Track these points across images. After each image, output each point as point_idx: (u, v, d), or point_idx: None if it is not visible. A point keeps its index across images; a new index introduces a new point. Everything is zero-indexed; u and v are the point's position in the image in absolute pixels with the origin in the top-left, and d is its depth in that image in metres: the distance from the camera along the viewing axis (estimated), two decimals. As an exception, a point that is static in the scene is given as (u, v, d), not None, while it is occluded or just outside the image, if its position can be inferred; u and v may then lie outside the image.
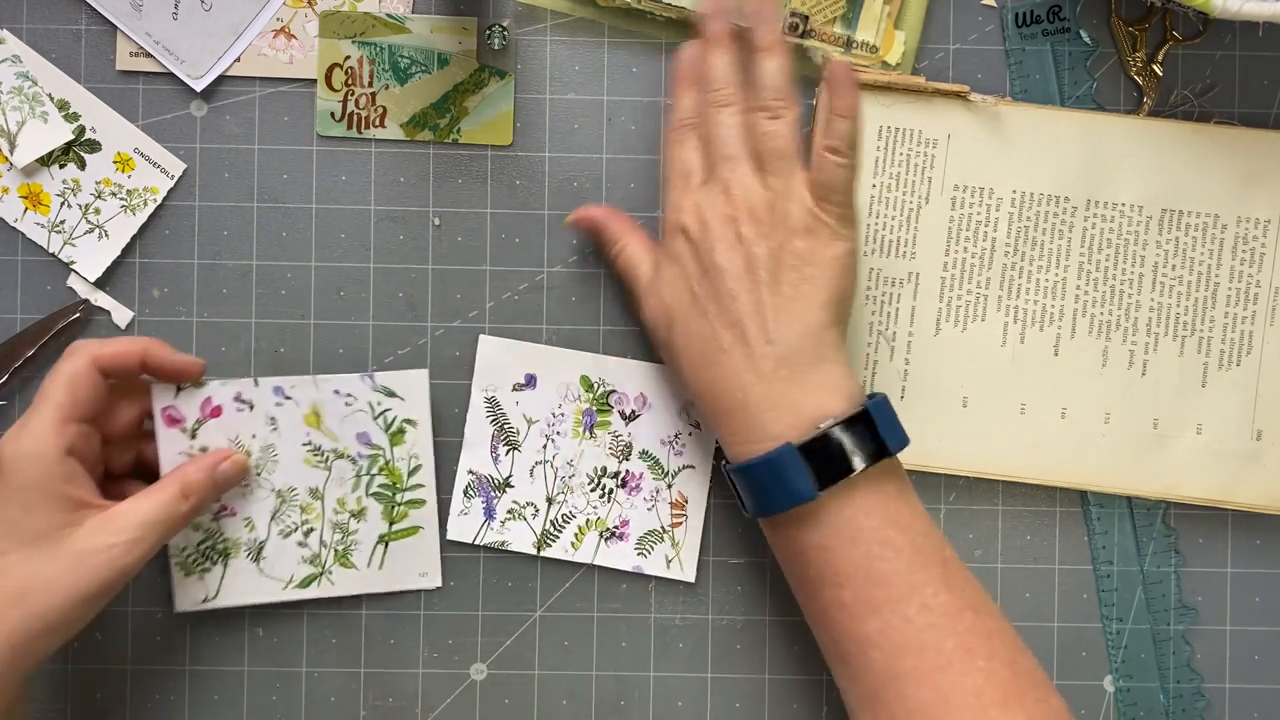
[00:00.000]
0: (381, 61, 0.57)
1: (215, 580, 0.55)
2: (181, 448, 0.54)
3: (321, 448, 0.55)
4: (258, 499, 0.55)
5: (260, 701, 0.57)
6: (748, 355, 0.50)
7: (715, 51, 0.53)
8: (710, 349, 0.50)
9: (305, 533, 0.55)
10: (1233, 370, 0.56)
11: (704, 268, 0.51)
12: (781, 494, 0.48)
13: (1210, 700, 0.58)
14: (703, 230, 0.51)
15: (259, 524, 0.55)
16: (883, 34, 0.56)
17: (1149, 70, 0.57)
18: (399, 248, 0.57)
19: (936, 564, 0.48)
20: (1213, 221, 0.56)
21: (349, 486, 0.56)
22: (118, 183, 0.57)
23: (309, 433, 0.55)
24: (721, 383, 0.50)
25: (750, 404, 0.49)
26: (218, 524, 0.55)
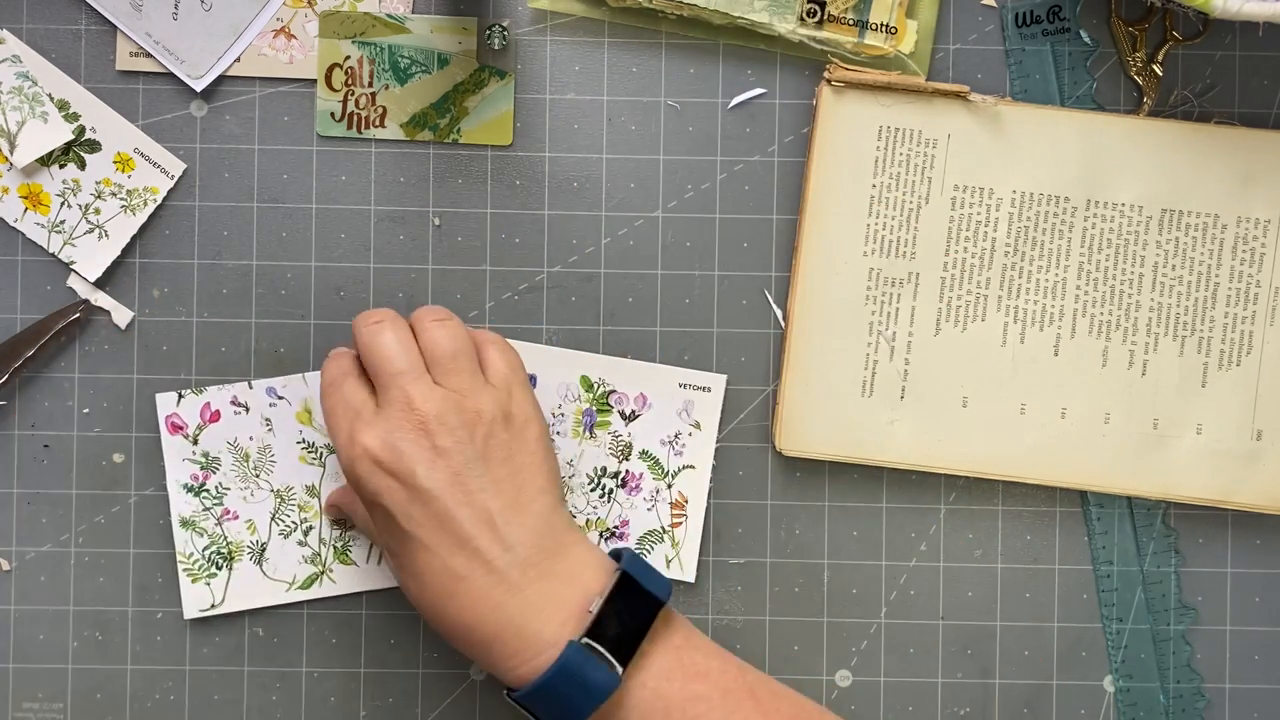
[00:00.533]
0: (381, 61, 0.57)
1: (221, 585, 0.56)
2: (185, 453, 0.55)
3: (314, 444, 0.56)
4: (258, 500, 0.56)
5: (260, 701, 0.57)
6: (490, 572, 0.46)
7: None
8: (445, 581, 0.47)
9: (305, 531, 0.56)
10: (1233, 370, 0.56)
11: (410, 495, 0.47)
12: (585, 696, 0.45)
13: (1210, 700, 0.58)
14: (396, 456, 0.47)
15: (260, 525, 0.56)
16: (895, 23, 0.56)
17: (1149, 70, 0.57)
18: (399, 248, 0.57)
19: (745, 695, 0.48)
20: (1213, 221, 0.56)
21: (342, 481, 0.56)
22: (118, 183, 0.57)
23: (301, 429, 0.56)
24: (470, 611, 0.46)
25: (512, 621, 0.46)
26: (221, 528, 0.56)
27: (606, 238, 0.57)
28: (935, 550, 0.58)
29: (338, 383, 0.50)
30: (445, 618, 0.48)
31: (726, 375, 0.57)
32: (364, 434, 0.47)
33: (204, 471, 0.56)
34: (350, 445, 0.48)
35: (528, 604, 0.47)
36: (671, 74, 0.57)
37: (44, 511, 0.57)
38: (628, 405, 0.57)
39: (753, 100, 0.57)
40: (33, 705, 0.57)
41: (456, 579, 0.47)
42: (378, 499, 0.47)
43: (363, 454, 0.47)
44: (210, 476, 0.56)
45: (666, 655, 0.47)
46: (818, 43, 0.56)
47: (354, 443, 0.48)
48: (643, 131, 0.57)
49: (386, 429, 0.47)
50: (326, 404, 0.50)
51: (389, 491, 0.47)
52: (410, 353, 0.49)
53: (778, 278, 0.57)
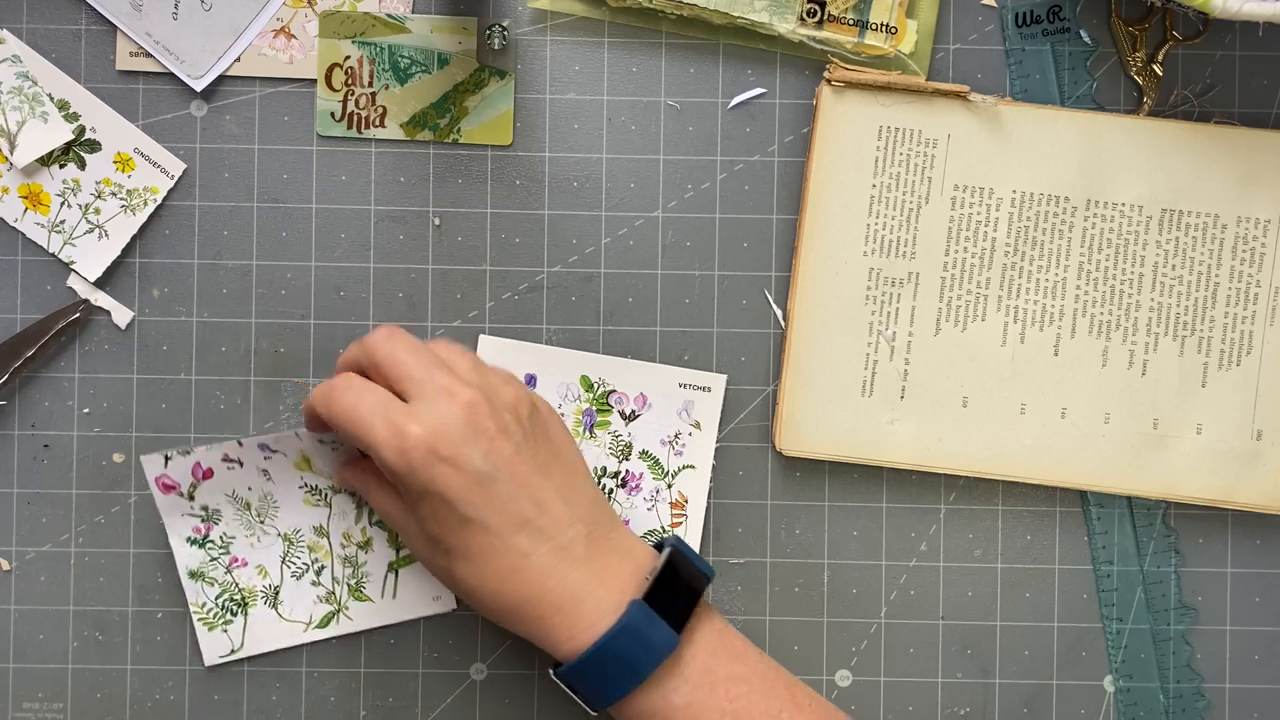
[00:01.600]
0: (381, 61, 0.57)
1: (239, 631, 0.56)
2: (183, 509, 0.54)
3: (318, 486, 0.55)
4: (265, 545, 0.55)
5: (260, 702, 0.57)
6: (556, 547, 0.47)
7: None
8: (509, 559, 0.47)
9: (317, 571, 0.56)
10: (1233, 370, 0.56)
11: (470, 480, 0.46)
12: (646, 654, 0.47)
13: (1210, 700, 0.58)
14: (451, 443, 0.46)
15: (271, 569, 0.55)
16: (895, 23, 0.56)
17: (1149, 70, 0.57)
18: (399, 248, 0.57)
19: (781, 686, 0.49)
20: (1213, 221, 0.56)
21: (351, 519, 0.56)
22: (118, 183, 0.57)
23: (303, 476, 0.55)
24: (534, 585, 0.47)
25: (575, 592, 0.47)
26: (231, 576, 0.55)
27: (606, 238, 0.57)
28: (935, 550, 0.58)
29: (349, 383, 0.48)
30: (503, 595, 0.48)
31: (726, 375, 0.57)
32: (411, 424, 0.46)
33: (206, 524, 0.55)
34: (399, 437, 0.46)
35: (589, 575, 0.48)
36: (671, 74, 0.57)
37: (44, 511, 0.57)
38: (628, 405, 0.57)
39: (753, 100, 0.57)
40: (33, 705, 0.57)
41: (521, 556, 0.47)
42: (432, 486, 0.46)
43: (417, 444, 0.46)
44: (213, 527, 0.55)
45: (711, 634, 0.49)
46: (818, 43, 0.56)
47: (403, 434, 0.46)
48: (643, 131, 0.57)
49: (435, 417, 0.46)
50: (343, 404, 0.47)
51: (446, 478, 0.46)
52: (431, 352, 0.49)
53: (778, 278, 0.57)
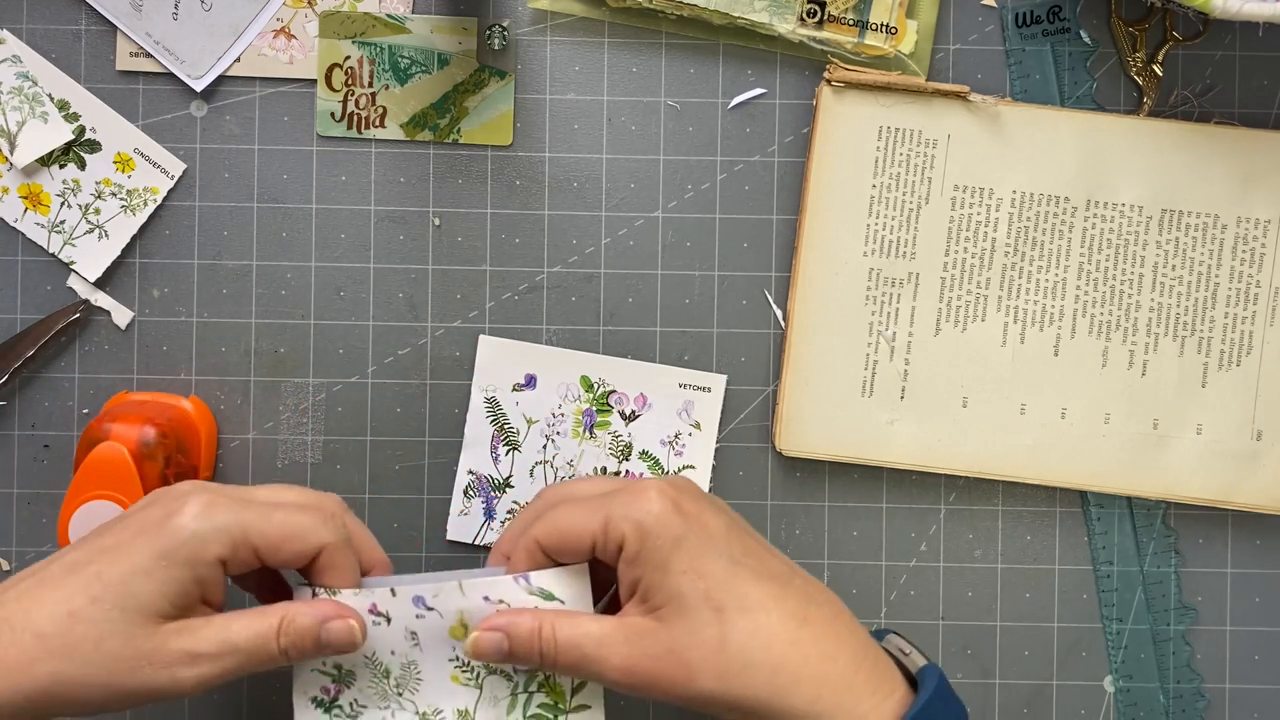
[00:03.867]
0: (381, 61, 0.57)
1: None
2: (314, 664, 0.47)
3: (472, 664, 0.47)
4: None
5: (260, 701, 0.57)
6: (827, 601, 0.44)
7: None
8: (793, 608, 0.43)
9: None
10: (1233, 370, 0.56)
11: (724, 524, 0.44)
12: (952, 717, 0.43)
13: (1210, 700, 0.58)
14: (692, 500, 0.44)
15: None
16: (895, 23, 0.56)
17: (1149, 70, 0.57)
18: (399, 248, 0.57)
19: None
20: (1213, 221, 0.56)
21: (504, 708, 0.47)
22: (118, 183, 0.57)
23: (455, 646, 0.46)
24: (829, 640, 0.43)
25: (869, 650, 0.43)
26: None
27: (606, 238, 0.57)
28: (935, 550, 0.58)
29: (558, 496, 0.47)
30: (797, 648, 0.42)
31: (726, 375, 0.57)
32: (647, 489, 0.44)
33: (336, 685, 0.47)
34: (642, 497, 0.44)
35: (866, 638, 0.44)
36: (671, 74, 0.57)
37: (44, 511, 0.57)
38: (628, 405, 0.57)
39: (753, 100, 0.57)
40: None
41: (804, 603, 0.43)
42: (691, 528, 0.43)
43: (663, 497, 0.44)
44: (344, 690, 0.47)
45: None
46: (818, 43, 0.56)
47: (645, 494, 0.44)
48: (643, 131, 0.57)
49: (665, 485, 0.45)
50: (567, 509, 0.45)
51: (702, 517, 0.44)
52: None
53: (778, 278, 0.57)
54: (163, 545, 0.43)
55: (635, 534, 0.43)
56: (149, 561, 0.42)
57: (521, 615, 0.45)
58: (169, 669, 0.42)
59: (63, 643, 0.42)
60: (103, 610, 0.42)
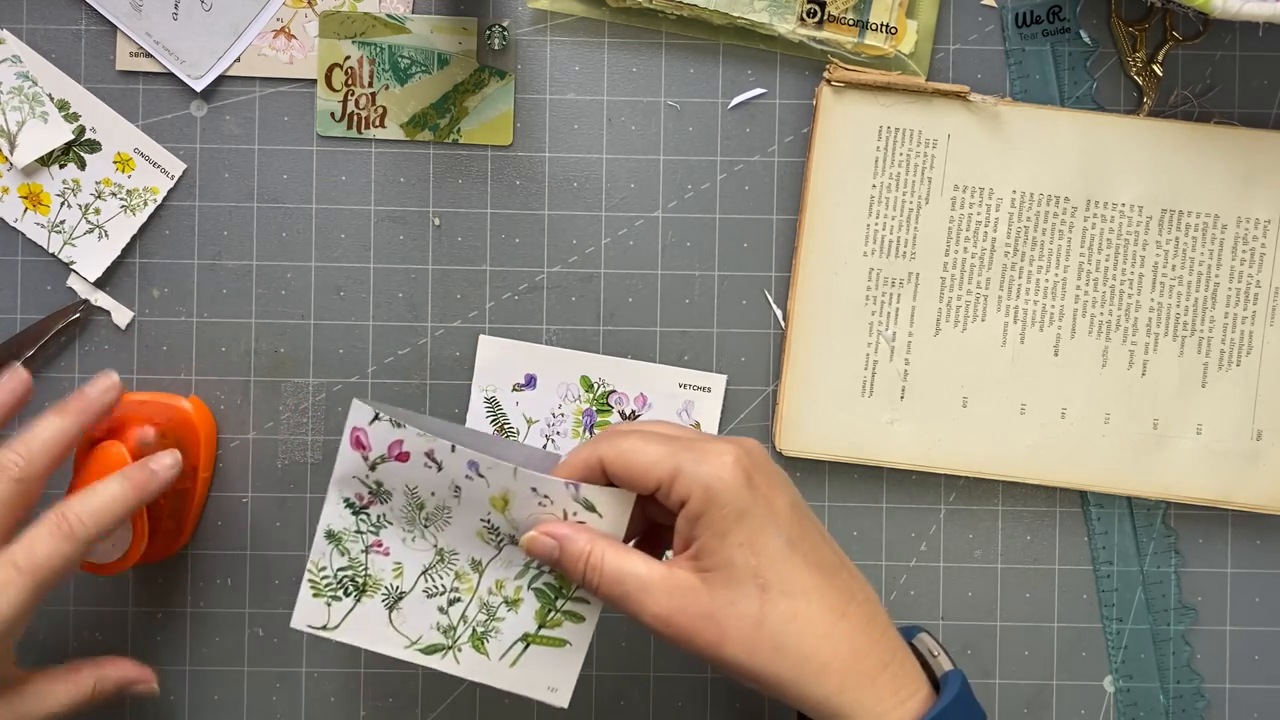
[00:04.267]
0: (381, 61, 0.57)
1: (341, 612, 0.50)
2: (358, 473, 0.48)
3: (499, 529, 0.48)
4: (416, 548, 0.49)
5: (260, 701, 0.57)
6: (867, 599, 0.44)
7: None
8: (834, 602, 0.43)
9: (450, 601, 0.49)
10: (1233, 370, 0.56)
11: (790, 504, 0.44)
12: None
13: (1210, 700, 0.58)
14: (765, 472, 0.44)
15: (409, 573, 0.49)
16: (895, 23, 0.56)
17: (1149, 70, 0.57)
18: (399, 248, 0.57)
19: None
20: (1213, 221, 0.56)
21: (514, 572, 0.49)
22: (118, 183, 0.57)
23: (491, 513, 0.48)
24: (862, 636, 0.43)
25: (899, 650, 0.44)
26: (366, 557, 0.49)
27: (606, 238, 0.57)
28: (935, 550, 0.58)
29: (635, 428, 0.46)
30: (831, 641, 0.42)
31: (726, 375, 0.57)
32: (725, 449, 0.44)
33: (371, 497, 0.49)
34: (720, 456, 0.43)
35: (898, 638, 0.44)
36: (671, 74, 0.57)
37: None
38: (628, 405, 0.57)
39: (753, 100, 0.57)
40: None
41: (846, 599, 0.43)
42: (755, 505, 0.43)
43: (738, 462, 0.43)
44: (375, 504, 0.49)
45: None
46: (818, 43, 0.56)
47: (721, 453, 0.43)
48: (643, 131, 0.57)
49: (742, 450, 0.44)
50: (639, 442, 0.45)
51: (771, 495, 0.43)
52: None
53: (778, 278, 0.57)
54: None
55: (703, 496, 0.43)
56: None
57: (579, 533, 0.45)
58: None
59: None
60: None
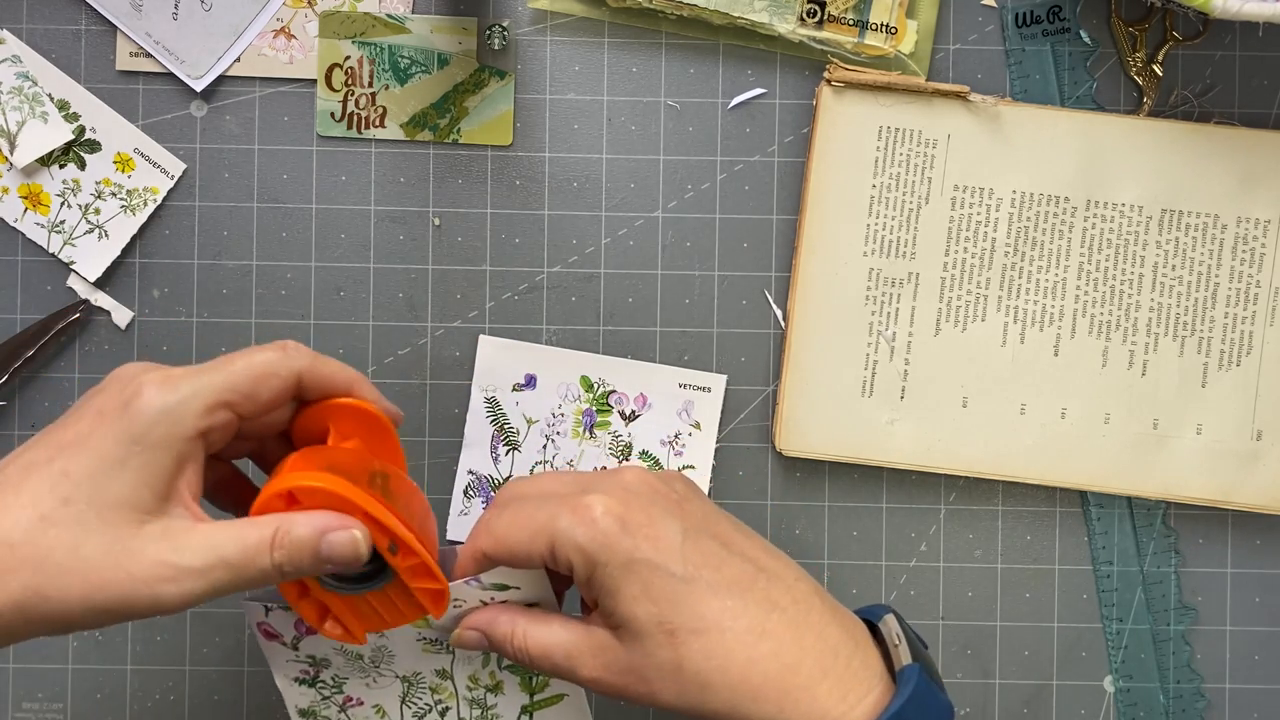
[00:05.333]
0: (381, 61, 0.57)
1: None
2: (288, 657, 0.48)
3: (439, 640, 0.48)
4: (383, 686, 0.48)
5: (260, 701, 0.57)
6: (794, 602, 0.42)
7: None
8: (751, 623, 0.41)
9: (441, 712, 0.49)
10: (1233, 370, 0.56)
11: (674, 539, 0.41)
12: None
13: (1210, 700, 0.58)
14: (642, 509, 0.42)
15: (390, 710, 0.49)
16: (895, 23, 0.56)
17: (1149, 70, 0.57)
18: (399, 248, 0.57)
19: None
20: (1213, 221, 0.56)
21: (479, 663, 0.49)
22: (118, 183, 0.57)
23: (420, 632, 0.47)
24: (790, 650, 0.41)
25: (840, 649, 0.41)
26: (346, 715, 0.49)
27: (606, 238, 0.57)
28: (935, 550, 0.58)
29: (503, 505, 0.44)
30: (756, 667, 0.40)
31: (726, 375, 0.57)
32: (593, 501, 0.41)
33: (314, 668, 0.48)
34: (586, 512, 0.41)
35: (842, 633, 0.42)
36: (671, 74, 0.57)
37: (44, 511, 0.57)
38: (628, 405, 0.57)
39: (753, 100, 0.57)
40: (33, 705, 0.57)
41: (764, 614, 0.41)
42: (638, 553, 0.41)
43: (606, 514, 0.41)
44: (323, 670, 0.49)
45: None
46: (818, 43, 0.56)
47: (589, 509, 0.41)
48: (643, 131, 0.57)
49: (616, 489, 0.42)
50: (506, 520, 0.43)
51: (650, 540, 0.41)
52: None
53: (778, 278, 0.57)
54: (131, 429, 0.38)
55: (582, 560, 0.41)
56: (119, 449, 0.38)
57: (499, 617, 0.44)
58: (150, 586, 0.38)
59: (34, 551, 0.37)
60: (76, 511, 0.37)
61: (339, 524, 0.40)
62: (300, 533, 0.39)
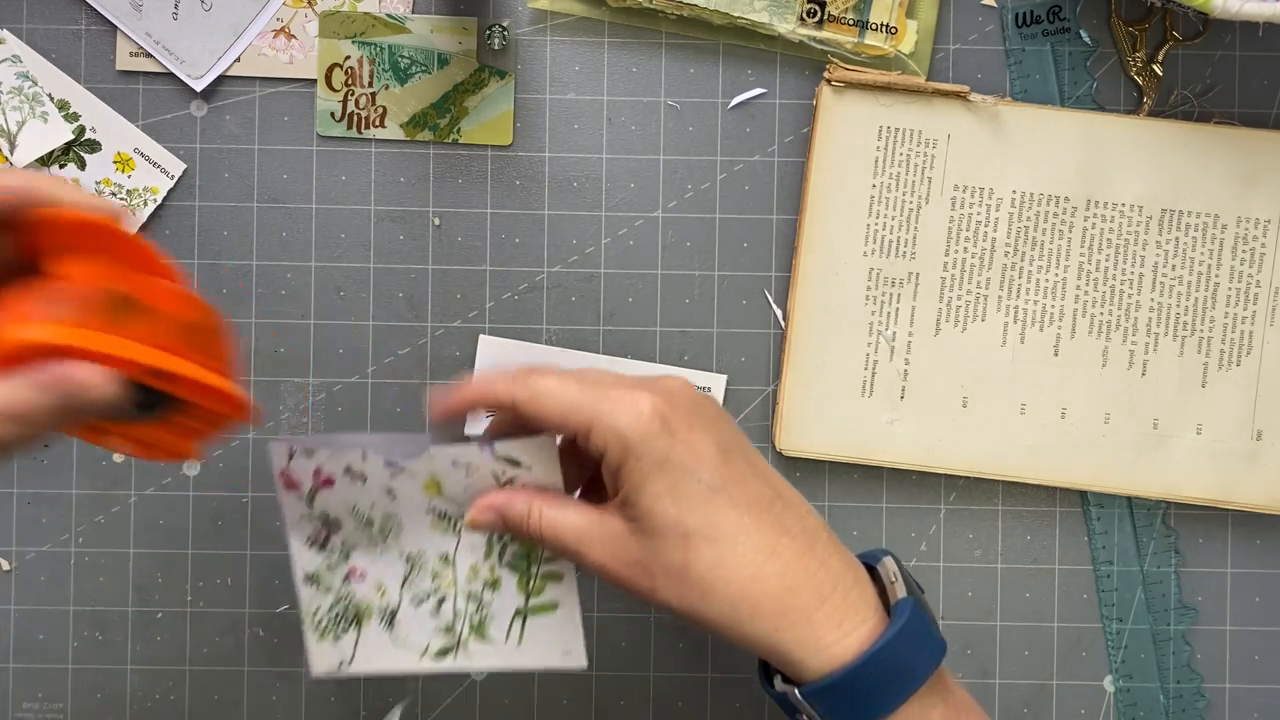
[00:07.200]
0: (381, 61, 0.57)
1: (350, 645, 0.50)
2: (302, 512, 0.49)
3: (447, 513, 0.48)
4: (388, 563, 0.49)
5: (260, 701, 0.57)
6: (805, 530, 0.43)
7: None
8: (763, 540, 0.42)
9: (438, 602, 0.50)
10: (1233, 370, 0.56)
11: (712, 447, 0.43)
12: (926, 658, 0.42)
13: (1210, 700, 0.58)
14: (685, 413, 0.43)
15: (390, 589, 0.50)
16: (895, 22, 0.56)
17: (1149, 70, 0.57)
18: (399, 248, 0.57)
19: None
20: (1213, 221, 0.56)
21: (480, 554, 0.49)
22: (118, 183, 0.57)
23: (431, 500, 0.48)
24: (795, 571, 0.42)
25: (842, 579, 0.42)
26: (348, 588, 0.50)
27: (606, 238, 0.57)
28: (935, 550, 0.58)
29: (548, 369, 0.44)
30: (759, 583, 0.41)
31: (726, 375, 0.57)
32: (640, 394, 0.42)
33: (325, 530, 0.49)
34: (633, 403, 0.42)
35: (845, 564, 0.43)
36: (671, 74, 0.57)
37: (44, 511, 0.57)
38: (628, 405, 0.57)
39: (753, 100, 0.57)
40: (33, 705, 0.57)
41: (776, 534, 0.42)
42: (673, 454, 0.42)
43: (652, 410, 0.42)
44: (333, 534, 0.49)
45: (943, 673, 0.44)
46: (818, 43, 0.56)
47: (635, 401, 0.42)
48: (643, 131, 0.57)
49: (662, 391, 0.43)
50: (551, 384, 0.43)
51: (688, 443, 0.42)
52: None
53: (778, 278, 0.57)
54: None
55: (619, 447, 0.42)
56: None
57: (515, 497, 0.45)
58: None
59: None
60: None
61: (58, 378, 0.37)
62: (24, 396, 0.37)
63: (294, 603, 0.48)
